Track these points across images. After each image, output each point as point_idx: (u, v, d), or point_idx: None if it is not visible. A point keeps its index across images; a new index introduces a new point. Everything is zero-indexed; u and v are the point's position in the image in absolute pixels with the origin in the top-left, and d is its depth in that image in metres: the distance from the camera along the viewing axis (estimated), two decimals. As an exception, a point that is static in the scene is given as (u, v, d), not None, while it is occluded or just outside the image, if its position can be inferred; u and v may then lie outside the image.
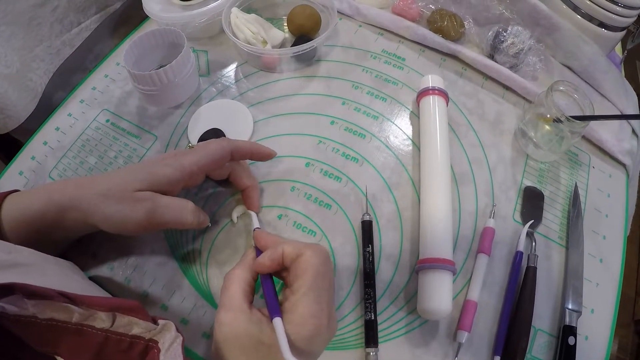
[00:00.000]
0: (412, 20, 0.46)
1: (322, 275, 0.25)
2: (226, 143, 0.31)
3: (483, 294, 0.33)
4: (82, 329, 0.22)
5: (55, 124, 0.41)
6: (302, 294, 0.24)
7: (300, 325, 0.23)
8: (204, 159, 0.30)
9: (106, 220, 0.28)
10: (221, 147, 0.31)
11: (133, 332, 0.23)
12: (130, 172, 0.29)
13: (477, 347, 0.32)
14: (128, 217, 0.27)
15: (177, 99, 0.41)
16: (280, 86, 0.43)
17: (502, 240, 0.36)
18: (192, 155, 0.30)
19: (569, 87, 0.39)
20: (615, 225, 0.40)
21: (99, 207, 0.27)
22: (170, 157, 0.30)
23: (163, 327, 0.23)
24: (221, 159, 0.31)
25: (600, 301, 0.35)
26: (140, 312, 0.23)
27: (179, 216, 0.29)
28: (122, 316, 0.23)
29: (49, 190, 0.28)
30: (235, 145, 0.31)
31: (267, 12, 0.47)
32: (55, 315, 0.21)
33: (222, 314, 0.25)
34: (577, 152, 0.42)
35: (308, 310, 0.24)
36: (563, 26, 0.44)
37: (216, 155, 0.30)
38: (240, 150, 0.32)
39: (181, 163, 0.29)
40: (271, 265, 0.26)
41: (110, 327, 0.22)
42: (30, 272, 0.24)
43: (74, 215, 0.28)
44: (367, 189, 0.37)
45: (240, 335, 0.24)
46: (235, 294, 0.25)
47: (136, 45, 0.39)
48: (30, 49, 0.43)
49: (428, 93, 0.39)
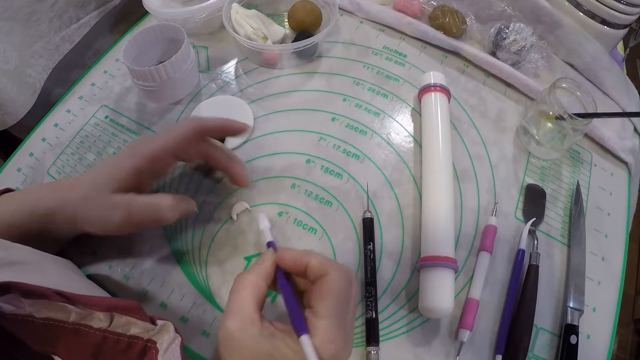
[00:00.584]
0: (413, 16, 0.46)
1: (346, 300, 0.23)
2: (192, 122, 0.30)
3: (485, 292, 0.33)
4: (80, 329, 0.22)
5: (53, 120, 0.41)
6: (325, 318, 0.22)
7: (319, 350, 0.21)
8: (169, 142, 0.28)
9: (90, 224, 0.28)
10: (187, 128, 0.29)
11: (131, 332, 0.23)
12: (103, 170, 0.28)
13: (479, 346, 0.32)
14: (108, 222, 0.27)
15: (177, 95, 0.41)
16: (281, 82, 0.42)
17: (504, 238, 0.36)
18: (157, 140, 0.28)
19: (571, 85, 0.39)
20: (617, 223, 0.39)
21: (82, 212, 0.28)
22: (135, 146, 0.29)
23: (161, 328, 0.23)
24: (188, 139, 0.29)
25: (602, 299, 0.35)
26: (138, 312, 0.23)
27: (157, 215, 0.28)
28: (119, 316, 0.22)
29: (39, 194, 0.28)
30: (202, 123, 0.30)
31: (267, 8, 0.47)
32: (52, 315, 0.21)
33: (229, 322, 0.22)
34: (579, 150, 0.42)
35: (328, 336, 0.22)
36: (565, 23, 0.44)
37: (182, 137, 0.29)
38: (209, 127, 0.30)
39: (144, 151, 0.28)
40: (292, 267, 0.25)
41: (108, 327, 0.22)
42: (28, 270, 0.24)
43: (62, 219, 0.28)
44: (368, 186, 0.36)
45: (249, 349, 0.21)
46: (246, 300, 0.23)
47: (136, 40, 0.39)
48: (29, 44, 0.43)
49: (430, 90, 0.39)
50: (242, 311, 0.22)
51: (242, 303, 0.23)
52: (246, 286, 0.24)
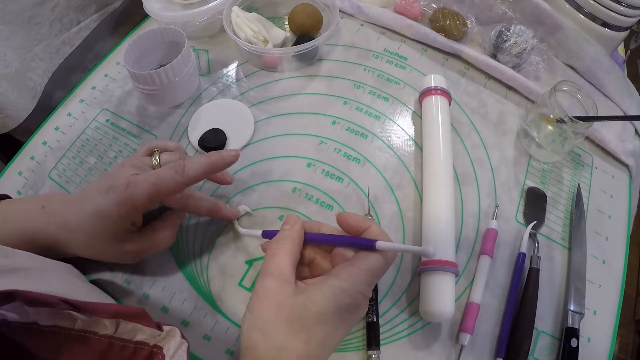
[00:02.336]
0: (414, 19, 0.46)
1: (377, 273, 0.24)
2: (177, 175, 0.27)
3: (485, 296, 0.33)
4: (86, 336, 0.22)
5: (54, 124, 0.41)
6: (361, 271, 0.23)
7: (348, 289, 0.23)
8: (154, 191, 0.27)
9: (96, 259, 0.30)
10: (172, 180, 0.27)
11: (137, 338, 0.23)
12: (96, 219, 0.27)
13: (480, 349, 0.32)
14: (118, 260, 0.31)
15: (178, 98, 0.41)
16: (282, 86, 0.42)
17: (505, 241, 0.36)
18: (142, 188, 0.27)
19: (572, 87, 0.39)
20: (618, 226, 0.39)
21: (86, 253, 0.29)
22: (122, 191, 0.27)
23: (168, 333, 0.23)
24: (173, 190, 0.28)
25: (603, 302, 0.35)
26: (145, 318, 0.23)
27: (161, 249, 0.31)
28: (125, 322, 0.22)
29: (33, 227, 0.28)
30: (187, 175, 0.27)
31: (268, 11, 0.47)
32: (57, 322, 0.21)
33: (268, 281, 0.23)
34: (580, 152, 0.42)
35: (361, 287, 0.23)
36: (566, 26, 0.44)
37: (167, 187, 0.27)
38: (194, 177, 0.28)
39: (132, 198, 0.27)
40: (349, 227, 0.26)
41: (114, 333, 0.22)
42: (31, 277, 0.24)
43: (62, 252, 0.29)
44: (369, 190, 0.36)
45: (285, 305, 0.22)
46: (283, 262, 0.24)
47: (136, 44, 0.39)
48: (30, 48, 0.43)
49: (430, 93, 0.39)
50: (280, 272, 0.24)
51: (280, 265, 0.24)
52: (283, 250, 0.25)
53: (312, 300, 0.22)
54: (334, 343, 0.23)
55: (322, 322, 0.22)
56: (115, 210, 0.27)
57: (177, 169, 0.27)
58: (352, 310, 0.23)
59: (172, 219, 0.32)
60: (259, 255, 0.34)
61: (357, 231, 0.26)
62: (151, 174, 0.27)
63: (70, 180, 0.38)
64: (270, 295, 0.23)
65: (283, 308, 0.22)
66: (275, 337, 0.22)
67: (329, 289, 0.23)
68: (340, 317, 0.23)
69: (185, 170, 0.27)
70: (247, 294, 0.32)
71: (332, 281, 0.23)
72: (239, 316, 0.31)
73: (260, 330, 0.22)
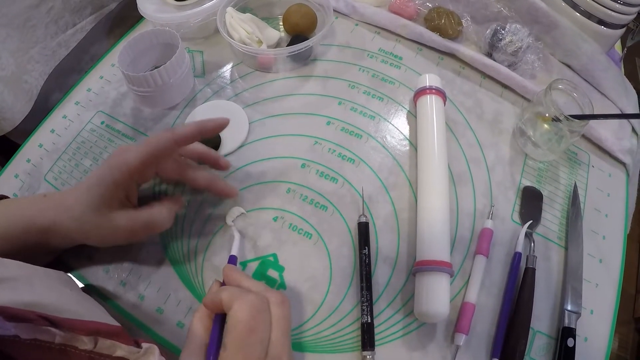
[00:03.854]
0: (409, 18, 0.46)
1: (250, 332, 0.23)
2: (166, 132, 0.29)
3: (481, 296, 0.33)
4: (66, 350, 0.22)
5: (50, 126, 0.41)
6: (226, 351, 0.23)
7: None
8: (144, 154, 0.28)
9: (90, 240, 0.30)
10: (160, 138, 0.29)
11: (117, 354, 0.23)
12: (91, 187, 0.28)
13: (475, 350, 0.32)
14: (111, 240, 0.30)
15: (173, 100, 0.41)
16: (276, 86, 0.42)
17: (501, 241, 0.36)
18: (132, 153, 0.28)
19: (567, 86, 0.38)
20: (615, 225, 0.39)
21: (81, 231, 0.29)
22: (112, 160, 0.28)
23: (147, 351, 0.23)
24: (162, 150, 0.29)
25: (600, 302, 0.35)
26: (122, 337, 0.23)
27: (156, 227, 0.31)
28: (104, 339, 0.23)
29: (32, 211, 0.28)
30: (176, 131, 0.29)
31: (262, 12, 0.47)
32: (38, 336, 0.21)
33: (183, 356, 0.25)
34: (577, 151, 0.42)
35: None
36: (562, 24, 0.44)
37: (156, 147, 0.28)
38: (183, 134, 0.29)
39: (120, 165, 0.28)
40: (213, 308, 0.26)
41: (94, 348, 0.22)
42: (17, 286, 0.23)
43: (59, 236, 0.29)
44: (364, 190, 0.36)
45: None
46: (197, 332, 0.26)
47: (130, 46, 0.39)
48: (26, 50, 0.43)
49: (425, 92, 0.39)
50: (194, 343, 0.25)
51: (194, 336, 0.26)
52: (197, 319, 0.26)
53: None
54: None
55: None
56: (109, 175, 0.27)
57: (167, 129, 0.29)
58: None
59: (169, 202, 0.32)
60: (253, 257, 0.34)
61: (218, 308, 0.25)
62: (143, 139, 0.29)
63: (65, 182, 0.38)
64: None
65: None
66: None
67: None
68: None
69: (176, 129, 0.29)
70: (241, 295, 0.32)
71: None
72: (233, 317, 0.31)
73: None
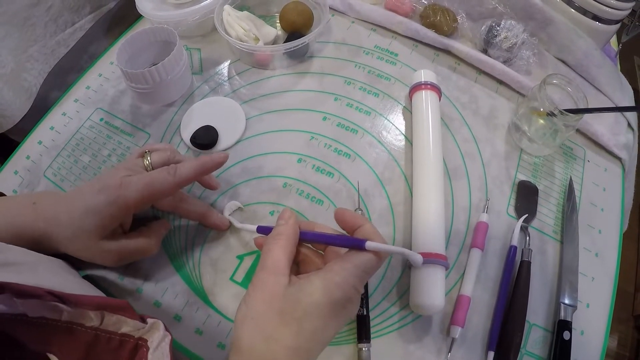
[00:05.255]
0: (404, 15, 0.46)
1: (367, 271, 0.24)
2: (169, 177, 0.28)
3: (477, 289, 0.33)
4: (72, 327, 0.22)
5: (49, 124, 0.42)
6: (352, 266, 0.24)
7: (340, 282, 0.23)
8: (147, 193, 0.28)
9: (79, 256, 0.30)
10: (165, 182, 0.28)
11: (122, 330, 0.23)
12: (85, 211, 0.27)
13: (471, 342, 0.32)
14: (99, 262, 0.30)
15: (170, 97, 0.41)
16: (273, 83, 0.43)
17: (496, 235, 0.36)
18: (135, 190, 0.28)
19: (562, 81, 0.39)
20: (611, 219, 0.39)
21: (70, 249, 0.29)
22: (116, 190, 0.27)
23: (152, 326, 0.23)
24: (165, 191, 0.29)
25: (596, 295, 0.35)
26: (128, 311, 0.23)
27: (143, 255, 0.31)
28: (110, 315, 0.23)
29: (22, 221, 0.28)
30: (179, 176, 0.29)
31: (259, 9, 0.47)
32: (45, 314, 0.22)
33: (263, 274, 0.24)
34: (572, 146, 0.42)
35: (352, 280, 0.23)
36: (557, 20, 0.44)
37: (161, 189, 0.28)
38: (187, 179, 0.29)
39: (125, 200, 0.27)
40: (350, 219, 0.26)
41: (100, 325, 0.23)
42: (22, 271, 0.24)
43: (48, 246, 0.29)
44: (360, 185, 0.36)
45: (278, 297, 0.23)
46: (278, 257, 0.24)
47: (129, 43, 0.40)
48: (25, 49, 0.43)
49: (420, 88, 0.39)
50: (275, 266, 0.24)
51: (275, 259, 0.24)
52: (278, 244, 0.25)
53: (304, 291, 0.23)
54: (325, 337, 0.23)
55: (313, 314, 0.22)
56: (106, 210, 0.27)
57: (169, 171, 0.28)
58: (344, 304, 0.23)
59: (157, 228, 0.32)
60: (250, 250, 0.34)
61: (351, 227, 0.26)
62: (144, 175, 0.28)
63: (65, 178, 0.38)
64: (264, 287, 0.23)
65: (275, 300, 0.23)
66: (266, 328, 0.22)
67: (320, 281, 0.23)
68: (332, 310, 0.23)
69: (177, 172, 0.29)
70: (238, 289, 0.32)
71: (324, 274, 0.23)
72: (230, 310, 0.32)
73: (253, 320, 0.22)
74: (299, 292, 0.23)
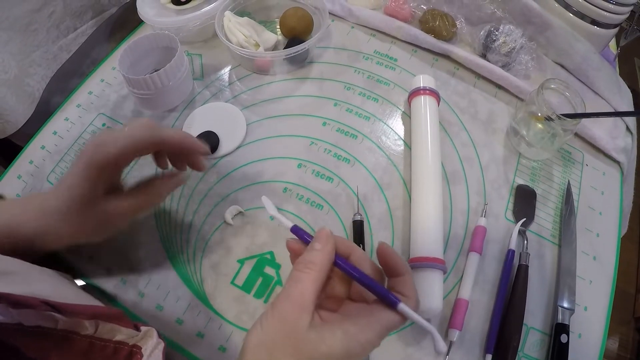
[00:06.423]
0: (404, 20, 0.47)
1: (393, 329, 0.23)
2: (153, 132, 0.28)
3: (475, 293, 0.34)
4: (68, 336, 0.23)
5: (52, 128, 0.42)
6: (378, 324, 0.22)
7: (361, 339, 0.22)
8: (126, 147, 0.27)
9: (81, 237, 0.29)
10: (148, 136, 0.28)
11: (116, 338, 0.24)
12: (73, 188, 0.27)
13: (469, 345, 0.32)
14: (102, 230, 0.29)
15: (172, 102, 0.42)
16: (273, 88, 0.43)
17: (494, 238, 0.36)
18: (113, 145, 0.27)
19: (560, 85, 0.39)
20: (610, 222, 0.39)
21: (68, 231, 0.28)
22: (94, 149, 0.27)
23: (145, 334, 0.24)
24: (144, 149, 0.28)
25: (594, 299, 0.35)
26: (122, 320, 0.24)
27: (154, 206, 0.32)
28: (104, 323, 0.23)
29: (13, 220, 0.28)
30: (161, 136, 0.28)
31: (260, 15, 0.48)
32: (41, 323, 0.22)
33: (287, 305, 0.22)
34: (570, 150, 0.42)
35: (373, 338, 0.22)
36: (555, 24, 0.44)
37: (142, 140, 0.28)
38: (169, 142, 0.29)
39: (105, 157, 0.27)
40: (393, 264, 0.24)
41: (94, 333, 0.23)
42: (16, 280, 0.24)
43: (46, 241, 0.28)
44: (359, 189, 0.37)
45: (298, 336, 0.22)
46: (307, 291, 0.23)
47: (130, 49, 0.40)
48: (28, 54, 0.44)
49: (419, 93, 0.39)
50: (301, 299, 0.22)
51: (303, 292, 0.23)
52: (309, 275, 0.23)
53: (324, 340, 0.22)
54: None
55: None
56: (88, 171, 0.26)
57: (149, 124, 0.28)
58: (358, 356, 0.23)
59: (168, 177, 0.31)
60: (251, 255, 0.34)
61: (391, 271, 0.25)
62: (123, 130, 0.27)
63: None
64: (285, 319, 0.22)
65: (294, 337, 0.22)
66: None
67: (342, 334, 0.22)
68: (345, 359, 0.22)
69: (157, 127, 0.28)
70: (239, 292, 0.33)
71: (348, 327, 0.22)
72: (231, 314, 0.32)
73: (267, 349, 0.22)
74: (319, 340, 0.22)
